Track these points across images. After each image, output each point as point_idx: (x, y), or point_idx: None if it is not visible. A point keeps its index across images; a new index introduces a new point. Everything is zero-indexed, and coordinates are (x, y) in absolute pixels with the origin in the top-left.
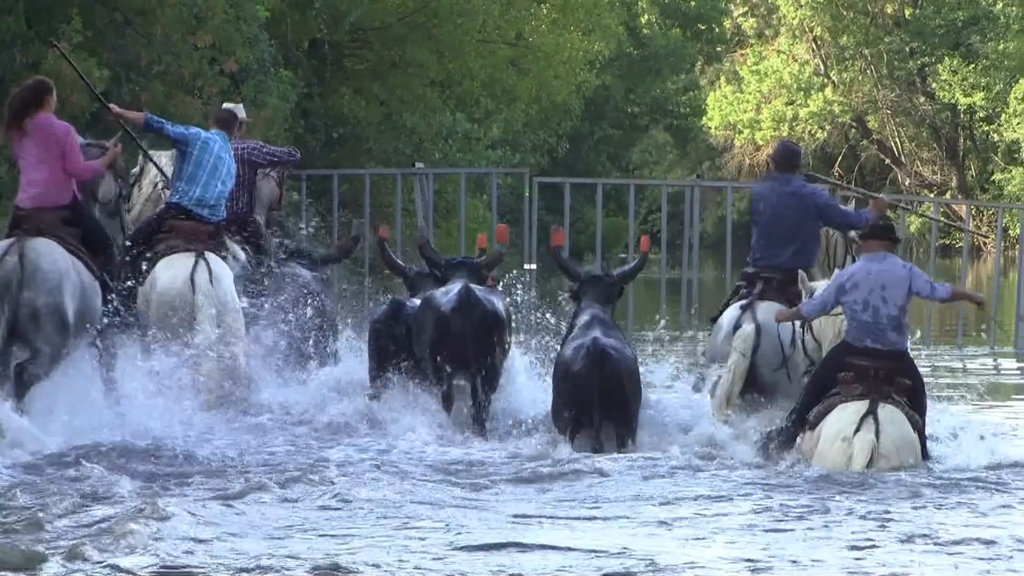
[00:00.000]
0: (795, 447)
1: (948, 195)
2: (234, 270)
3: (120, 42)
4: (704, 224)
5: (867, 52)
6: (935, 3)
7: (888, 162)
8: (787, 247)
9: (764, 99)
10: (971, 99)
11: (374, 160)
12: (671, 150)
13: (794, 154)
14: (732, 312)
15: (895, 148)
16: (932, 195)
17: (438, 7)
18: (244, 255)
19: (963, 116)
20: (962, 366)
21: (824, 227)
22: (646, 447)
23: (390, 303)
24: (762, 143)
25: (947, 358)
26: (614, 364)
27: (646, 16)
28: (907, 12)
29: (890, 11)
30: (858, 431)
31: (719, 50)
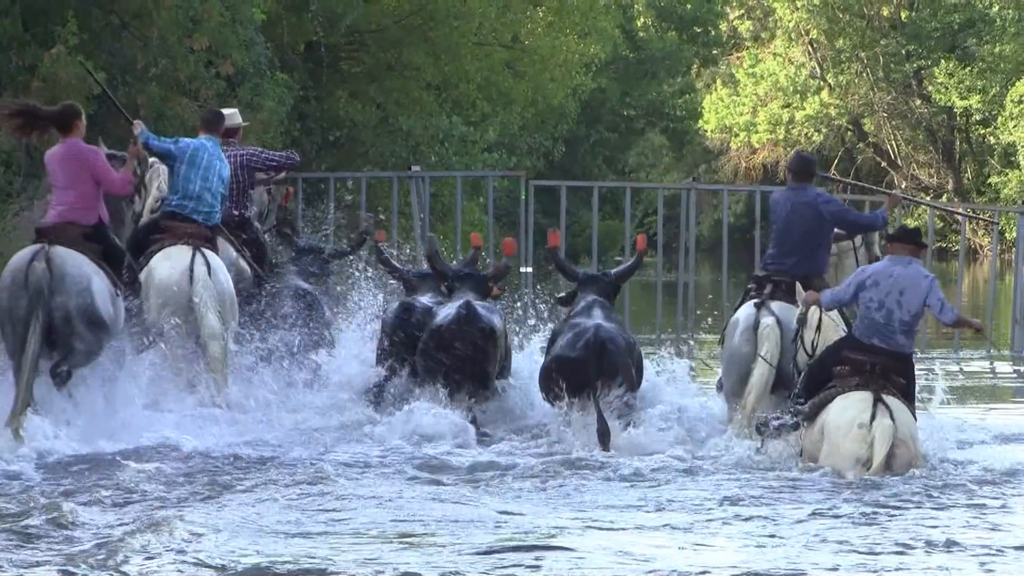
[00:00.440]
0: (794, 440)
1: (944, 198)
2: (230, 273)
3: (116, 45)
4: (700, 227)
5: (863, 55)
6: (931, 6)
7: (884, 165)
8: (797, 254)
9: (760, 102)
10: (967, 102)
11: (370, 163)
12: (667, 153)
13: (810, 163)
14: (747, 309)
15: (891, 151)
16: (928, 198)
17: (434, 10)
18: (243, 263)
19: (959, 119)
20: (959, 369)
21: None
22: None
23: (400, 304)
24: (758, 146)
25: (944, 361)
26: (613, 346)
27: (642, 19)
28: (903, 15)
29: (886, 14)
30: (874, 417)
31: (715, 53)
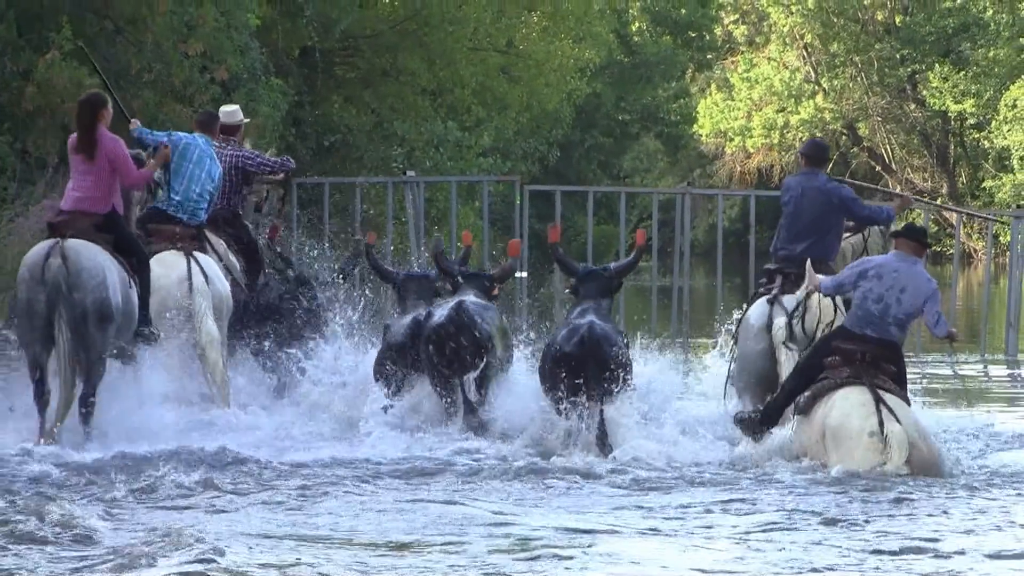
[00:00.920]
0: (790, 437)
1: (939, 202)
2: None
3: (111, 50)
4: (695, 232)
5: (857, 59)
6: (925, 10)
7: (879, 169)
8: (806, 239)
9: (755, 106)
10: (961, 106)
11: (365, 168)
12: (662, 158)
13: (823, 149)
14: (760, 307)
15: (886, 155)
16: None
17: (429, 15)
18: (233, 256)
19: (953, 123)
20: (952, 372)
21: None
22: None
23: (412, 320)
24: (753, 151)
25: (938, 365)
26: (605, 344)
27: (637, 24)
28: (897, 19)
29: (880, 18)
30: (883, 423)
31: (710, 57)
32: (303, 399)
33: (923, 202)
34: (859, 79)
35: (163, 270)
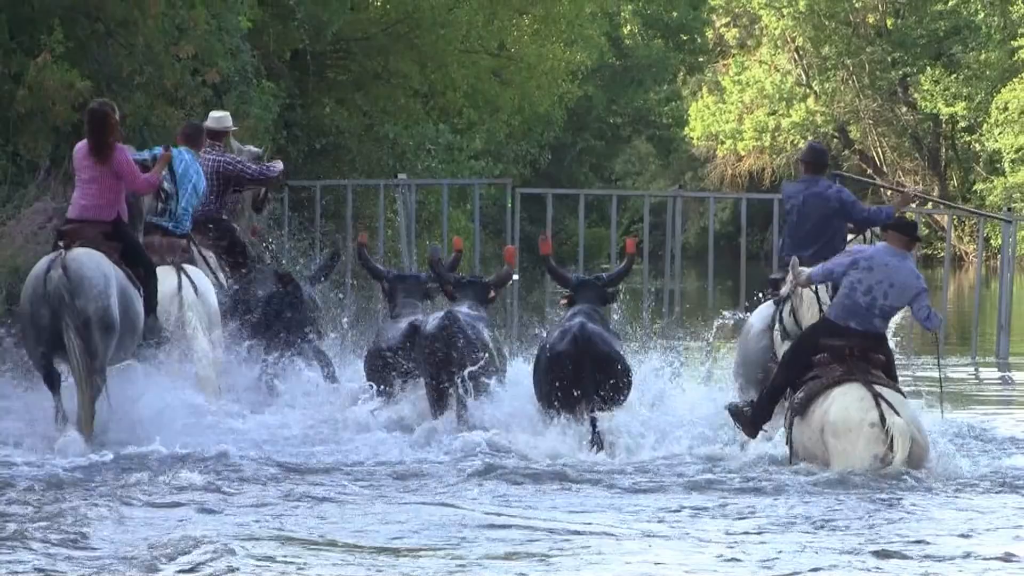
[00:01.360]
0: (787, 438)
1: (929, 205)
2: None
3: (102, 53)
4: (686, 234)
5: (849, 62)
6: (917, 13)
7: (870, 172)
8: (812, 245)
9: (746, 109)
10: (953, 109)
11: (356, 171)
12: (653, 160)
13: (821, 154)
14: (765, 310)
15: (877, 158)
16: (915, 205)
17: (420, 18)
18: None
19: (945, 126)
20: (943, 375)
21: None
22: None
23: (408, 325)
24: (744, 153)
25: (928, 368)
26: (596, 348)
27: (628, 27)
28: (889, 22)
29: (872, 21)
30: (883, 416)
31: (701, 61)
32: (299, 401)
33: (925, 197)
34: (850, 82)
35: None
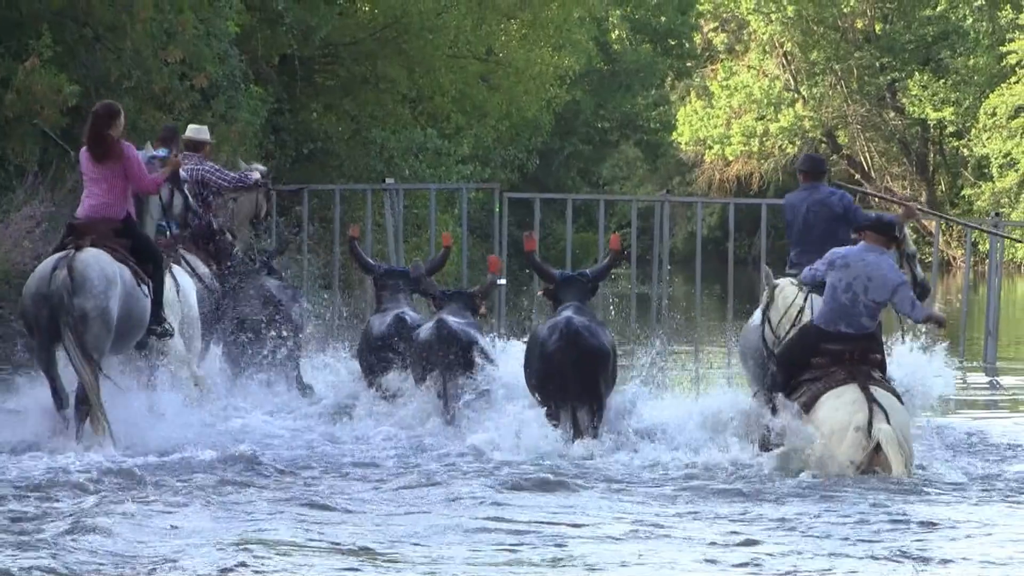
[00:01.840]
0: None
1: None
2: (196, 286)
3: (90, 57)
4: (674, 240)
5: (837, 67)
6: (905, 18)
7: (858, 177)
8: (818, 252)
9: (734, 114)
10: (941, 114)
11: (344, 176)
12: (641, 165)
13: (819, 162)
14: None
15: (865, 163)
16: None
17: (408, 23)
18: (206, 268)
19: (933, 131)
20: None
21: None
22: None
23: (394, 318)
24: (732, 158)
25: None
26: (587, 340)
27: (616, 32)
28: (877, 27)
29: (860, 26)
30: (871, 421)
31: (689, 65)
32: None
33: (931, 213)
34: (839, 87)
35: None
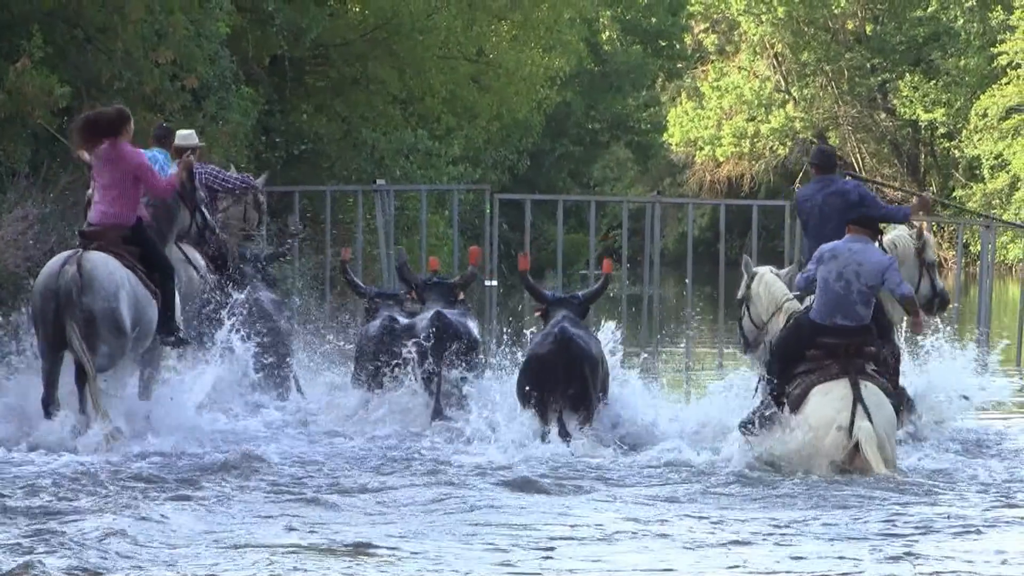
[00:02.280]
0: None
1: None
2: (193, 279)
3: (81, 59)
4: (665, 240)
5: (828, 68)
6: (896, 19)
7: (849, 178)
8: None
9: (725, 115)
10: (932, 115)
11: (335, 177)
12: (632, 166)
13: (831, 155)
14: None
15: (856, 164)
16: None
17: (399, 24)
18: (203, 261)
19: (924, 132)
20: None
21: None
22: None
23: (385, 318)
24: (723, 159)
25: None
26: (579, 346)
27: (607, 32)
28: (868, 28)
29: (851, 27)
30: (853, 420)
31: (680, 66)
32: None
33: (943, 202)
34: (829, 88)
35: None
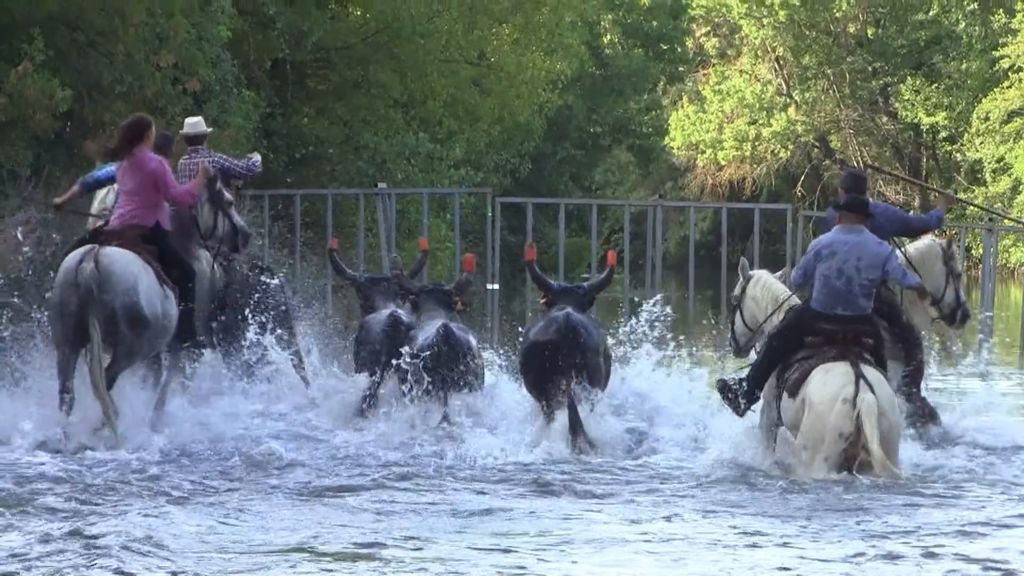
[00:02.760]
0: (775, 415)
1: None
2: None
3: (83, 62)
4: (667, 244)
5: (829, 72)
6: (898, 23)
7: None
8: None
9: (726, 119)
10: (934, 119)
11: (336, 180)
12: (633, 170)
13: (862, 180)
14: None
15: (858, 167)
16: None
17: (400, 27)
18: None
19: (926, 136)
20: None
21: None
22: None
23: (389, 316)
24: (724, 163)
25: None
26: (582, 333)
27: (608, 36)
28: (869, 32)
29: (852, 31)
30: (857, 392)
31: (681, 70)
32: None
33: (963, 202)
34: (831, 92)
35: None
